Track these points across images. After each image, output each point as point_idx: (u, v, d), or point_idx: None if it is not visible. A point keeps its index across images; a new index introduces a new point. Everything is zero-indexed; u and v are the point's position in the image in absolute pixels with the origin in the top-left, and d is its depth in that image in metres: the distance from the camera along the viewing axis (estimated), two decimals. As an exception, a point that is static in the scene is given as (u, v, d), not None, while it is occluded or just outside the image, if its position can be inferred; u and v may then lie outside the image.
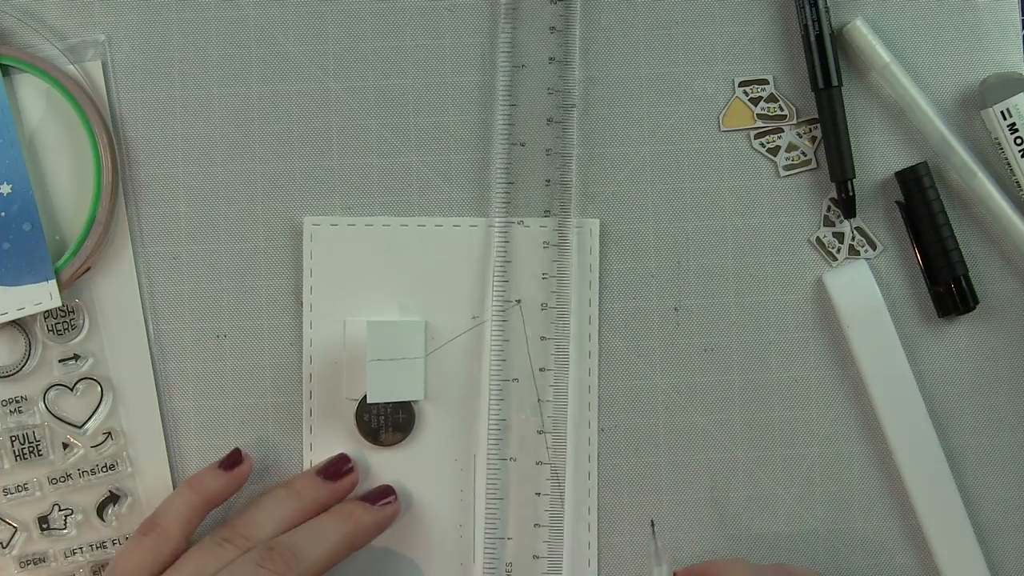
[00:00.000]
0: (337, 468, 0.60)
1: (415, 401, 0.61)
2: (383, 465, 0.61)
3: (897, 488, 0.61)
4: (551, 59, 0.61)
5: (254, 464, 0.60)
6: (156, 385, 0.61)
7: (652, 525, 0.59)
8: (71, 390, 0.61)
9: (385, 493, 0.60)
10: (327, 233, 0.61)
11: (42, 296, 0.59)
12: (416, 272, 0.61)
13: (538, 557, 0.60)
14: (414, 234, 0.61)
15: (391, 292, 0.61)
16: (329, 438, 0.61)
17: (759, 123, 0.61)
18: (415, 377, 0.60)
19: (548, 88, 0.61)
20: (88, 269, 0.60)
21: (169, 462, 0.61)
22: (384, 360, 0.59)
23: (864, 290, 0.60)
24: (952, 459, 0.61)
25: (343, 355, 0.61)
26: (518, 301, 0.61)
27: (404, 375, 0.60)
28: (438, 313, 0.61)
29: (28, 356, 0.60)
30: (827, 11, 0.60)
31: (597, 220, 0.61)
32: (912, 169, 0.60)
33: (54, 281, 0.59)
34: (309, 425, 0.61)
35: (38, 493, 0.60)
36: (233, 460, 0.59)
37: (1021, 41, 0.61)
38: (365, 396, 0.60)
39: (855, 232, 0.61)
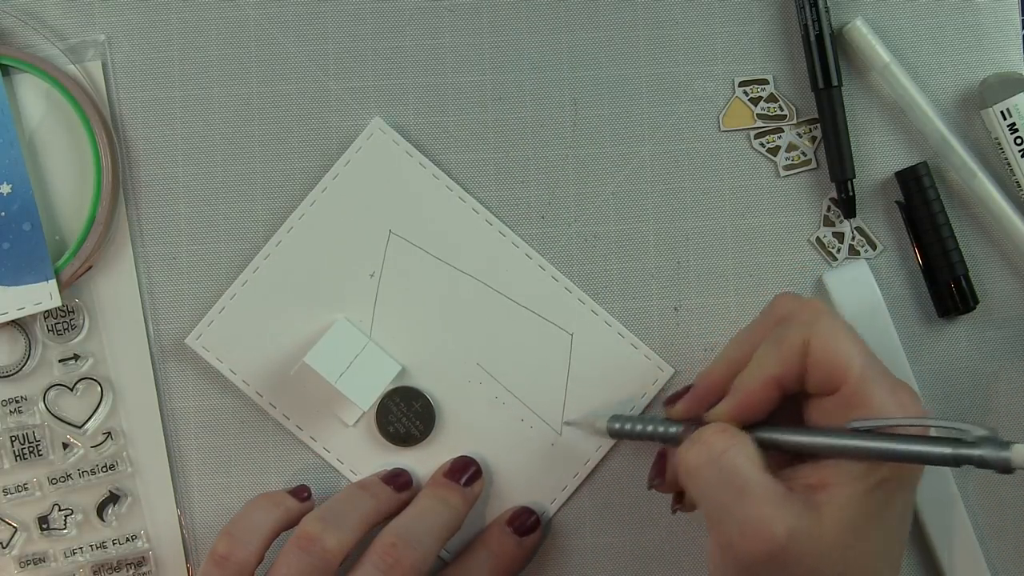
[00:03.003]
0: (401, 479, 0.60)
1: (435, 405, 0.60)
2: (417, 464, 0.61)
3: (897, 488, 0.61)
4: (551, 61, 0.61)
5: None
6: (156, 385, 0.61)
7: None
8: (71, 390, 0.61)
9: (467, 466, 0.59)
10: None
11: (42, 296, 0.59)
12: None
13: None
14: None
15: (308, 312, 0.60)
16: (366, 461, 0.61)
17: (759, 123, 0.61)
18: (379, 359, 0.60)
19: (551, 89, 0.61)
20: (88, 269, 0.60)
21: (169, 462, 0.61)
22: (344, 372, 0.59)
23: (864, 290, 0.60)
24: (952, 459, 0.61)
25: (318, 396, 0.60)
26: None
27: (370, 367, 0.59)
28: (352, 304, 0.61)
29: (28, 356, 0.60)
30: (827, 11, 0.60)
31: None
32: (912, 169, 0.60)
33: (54, 281, 0.59)
34: (340, 461, 0.61)
35: (38, 493, 0.60)
36: (303, 493, 0.59)
37: (1021, 41, 0.61)
38: (373, 411, 0.60)
39: (855, 232, 0.61)
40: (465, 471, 0.59)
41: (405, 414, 0.60)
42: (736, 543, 0.48)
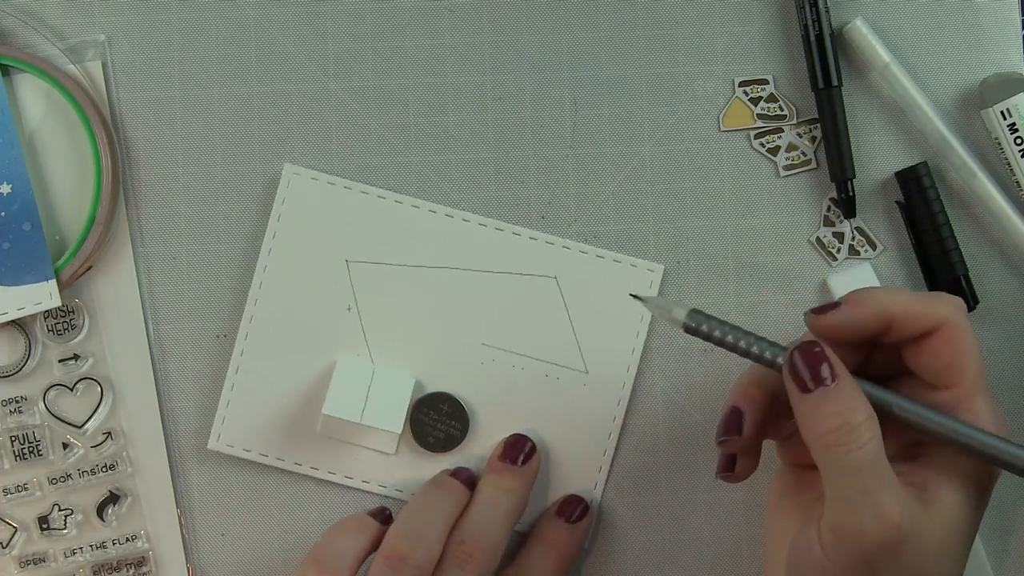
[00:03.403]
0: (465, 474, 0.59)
1: (461, 399, 0.60)
2: (471, 461, 0.61)
3: (897, 488, 0.61)
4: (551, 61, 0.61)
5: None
6: (156, 385, 0.61)
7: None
8: (71, 390, 0.61)
9: (520, 444, 0.59)
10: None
11: (42, 296, 0.59)
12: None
13: None
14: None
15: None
16: (424, 479, 0.61)
17: (759, 123, 0.61)
18: (391, 380, 0.60)
19: (551, 89, 0.61)
20: (88, 269, 0.60)
21: (169, 462, 0.61)
22: (364, 406, 0.59)
23: (864, 290, 0.60)
24: (952, 459, 0.61)
25: (353, 439, 0.60)
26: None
27: (386, 391, 0.59)
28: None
29: (28, 356, 0.60)
30: (827, 11, 0.60)
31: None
32: (912, 169, 0.60)
33: (54, 281, 0.59)
34: (399, 491, 0.61)
35: (38, 493, 0.60)
36: (384, 514, 0.58)
37: (1021, 41, 0.61)
38: (408, 430, 0.60)
39: (855, 232, 0.61)
40: (520, 450, 0.59)
41: (439, 419, 0.60)
42: (868, 528, 0.46)
